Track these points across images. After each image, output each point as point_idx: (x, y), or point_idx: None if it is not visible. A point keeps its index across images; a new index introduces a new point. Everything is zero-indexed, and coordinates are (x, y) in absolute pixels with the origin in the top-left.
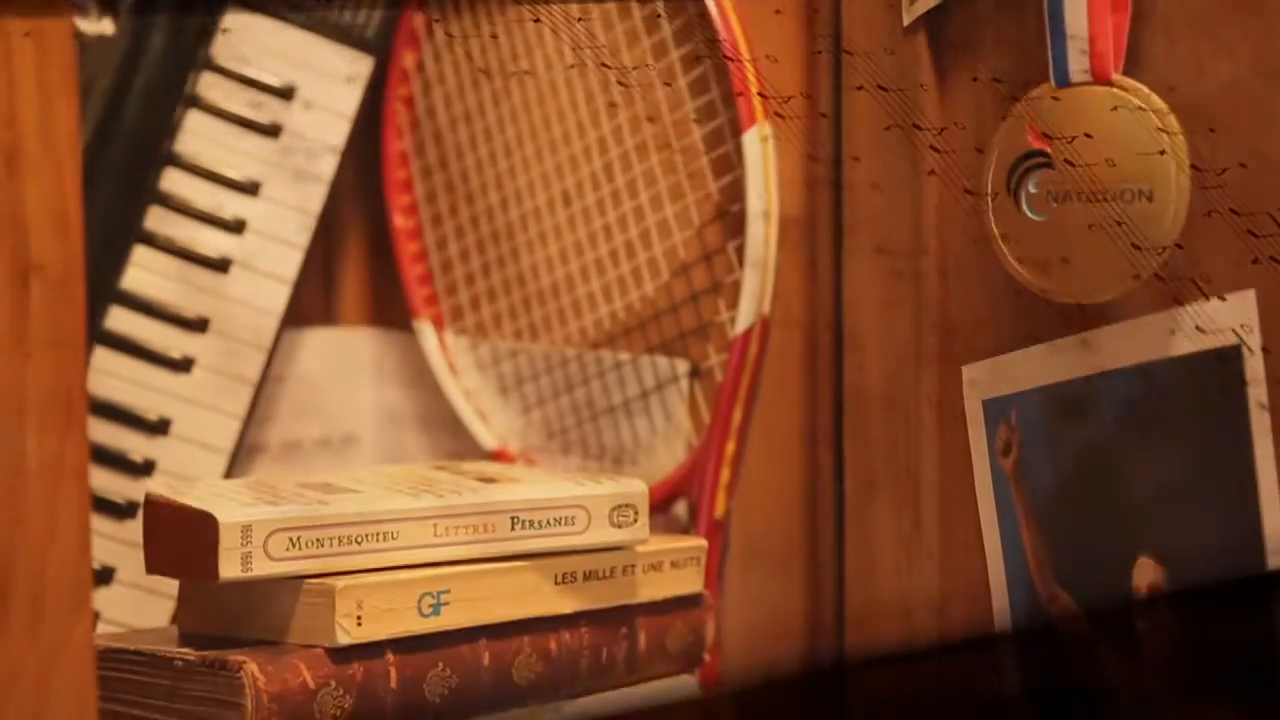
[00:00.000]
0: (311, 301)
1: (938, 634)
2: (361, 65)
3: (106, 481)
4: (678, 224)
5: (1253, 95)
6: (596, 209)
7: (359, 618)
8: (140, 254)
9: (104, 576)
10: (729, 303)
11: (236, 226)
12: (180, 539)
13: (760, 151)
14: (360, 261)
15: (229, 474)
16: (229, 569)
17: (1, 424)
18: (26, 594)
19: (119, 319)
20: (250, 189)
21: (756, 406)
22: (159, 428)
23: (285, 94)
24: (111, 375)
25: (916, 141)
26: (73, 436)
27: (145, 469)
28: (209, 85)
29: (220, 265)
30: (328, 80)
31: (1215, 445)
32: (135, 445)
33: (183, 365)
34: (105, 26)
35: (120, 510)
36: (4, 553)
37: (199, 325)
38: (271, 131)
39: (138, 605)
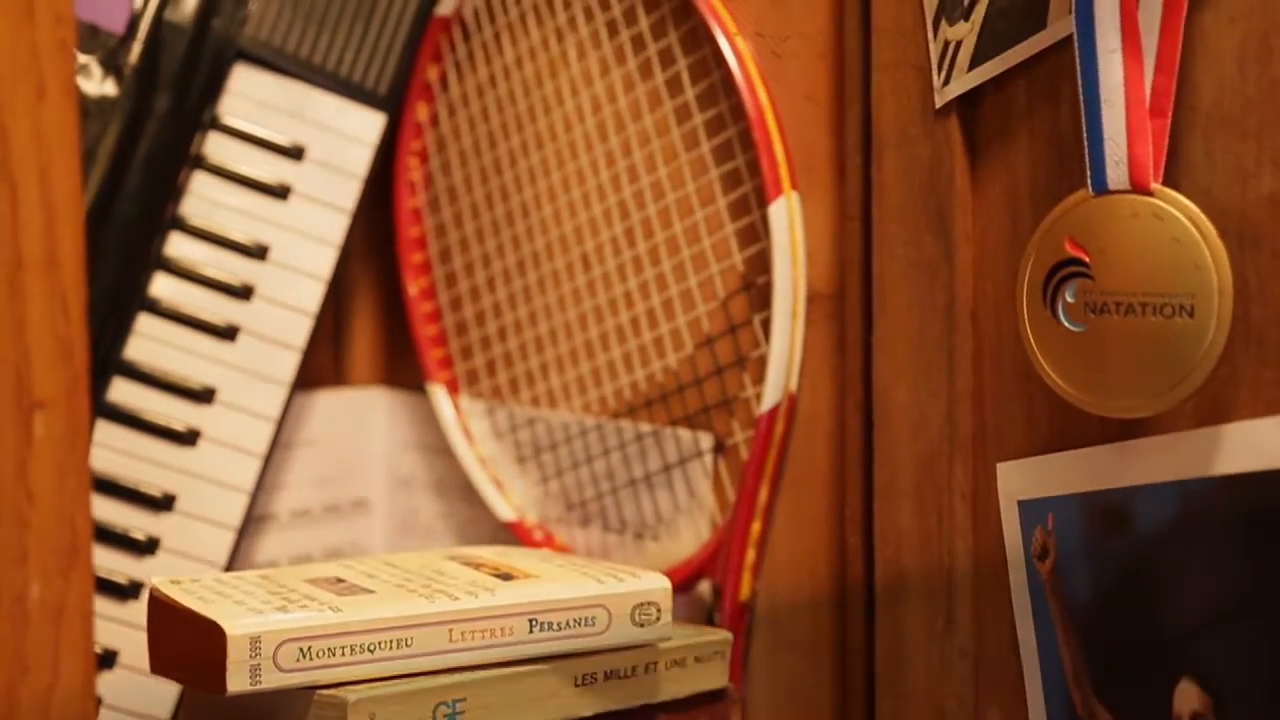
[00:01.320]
0: (321, 361)
1: None
2: (374, 123)
3: (109, 561)
4: (701, 294)
5: None
6: (618, 274)
7: None
8: (144, 322)
9: (106, 660)
10: (755, 378)
11: (244, 292)
12: (186, 644)
13: (787, 223)
14: (371, 319)
15: (237, 547)
16: (237, 682)
17: (4, 566)
18: None
19: (121, 390)
20: (258, 253)
21: (783, 486)
22: (163, 504)
23: (294, 154)
24: (114, 449)
25: (949, 232)
26: (77, 578)
27: (149, 547)
28: (215, 146)
29: (227, 333)
30: (338, 139)
31: (1263, 569)
32: (138, 522)
33: (188, 438)
34: (108, 88)
35: (123, 591)
36: (6, 699)
37: (205, 396)
38: (280, 193)
39: (141, 690)
